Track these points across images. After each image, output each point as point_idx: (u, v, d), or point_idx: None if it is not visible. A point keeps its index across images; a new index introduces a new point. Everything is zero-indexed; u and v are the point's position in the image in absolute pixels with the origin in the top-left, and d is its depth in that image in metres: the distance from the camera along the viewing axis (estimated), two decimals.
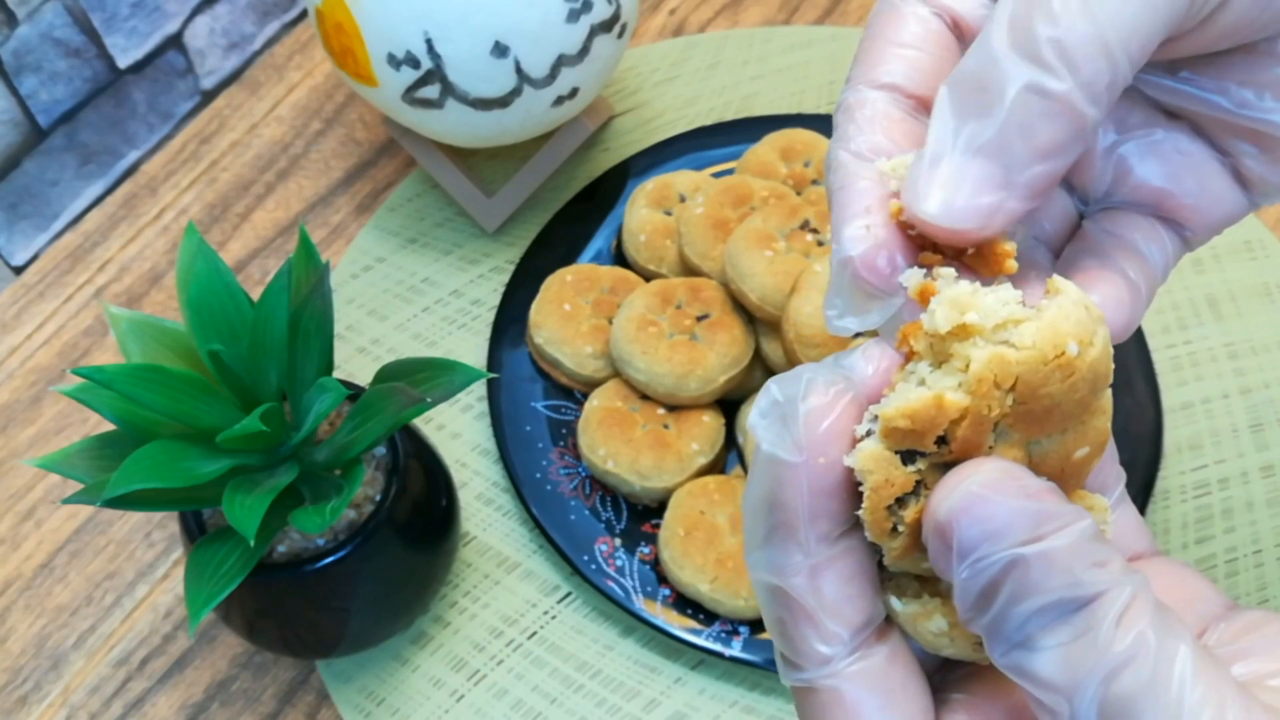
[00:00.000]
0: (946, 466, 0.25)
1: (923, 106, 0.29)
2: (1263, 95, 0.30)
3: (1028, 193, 0.26)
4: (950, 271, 0.26)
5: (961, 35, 0.30)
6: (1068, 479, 0.26)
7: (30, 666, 0.61)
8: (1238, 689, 0.23)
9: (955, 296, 0.25)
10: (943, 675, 0.28)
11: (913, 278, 0.26)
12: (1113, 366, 0.26)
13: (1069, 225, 0.32)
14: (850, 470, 0.25)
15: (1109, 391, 0.26)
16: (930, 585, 0.27)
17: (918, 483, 0.25)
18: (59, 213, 0.76)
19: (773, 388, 0.26)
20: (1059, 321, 0.24)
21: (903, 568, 0.26)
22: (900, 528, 0.25)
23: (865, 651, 0.26)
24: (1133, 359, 0.64)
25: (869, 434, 0.25)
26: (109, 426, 0.49)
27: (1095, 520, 0.24)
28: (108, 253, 0.74)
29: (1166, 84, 0.31)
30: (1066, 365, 0.24)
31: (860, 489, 0.25)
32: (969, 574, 0.23)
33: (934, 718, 0.26)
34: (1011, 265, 0.26)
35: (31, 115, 0.72)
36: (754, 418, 0.26)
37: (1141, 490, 0.60)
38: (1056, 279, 0.26)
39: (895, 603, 0.26)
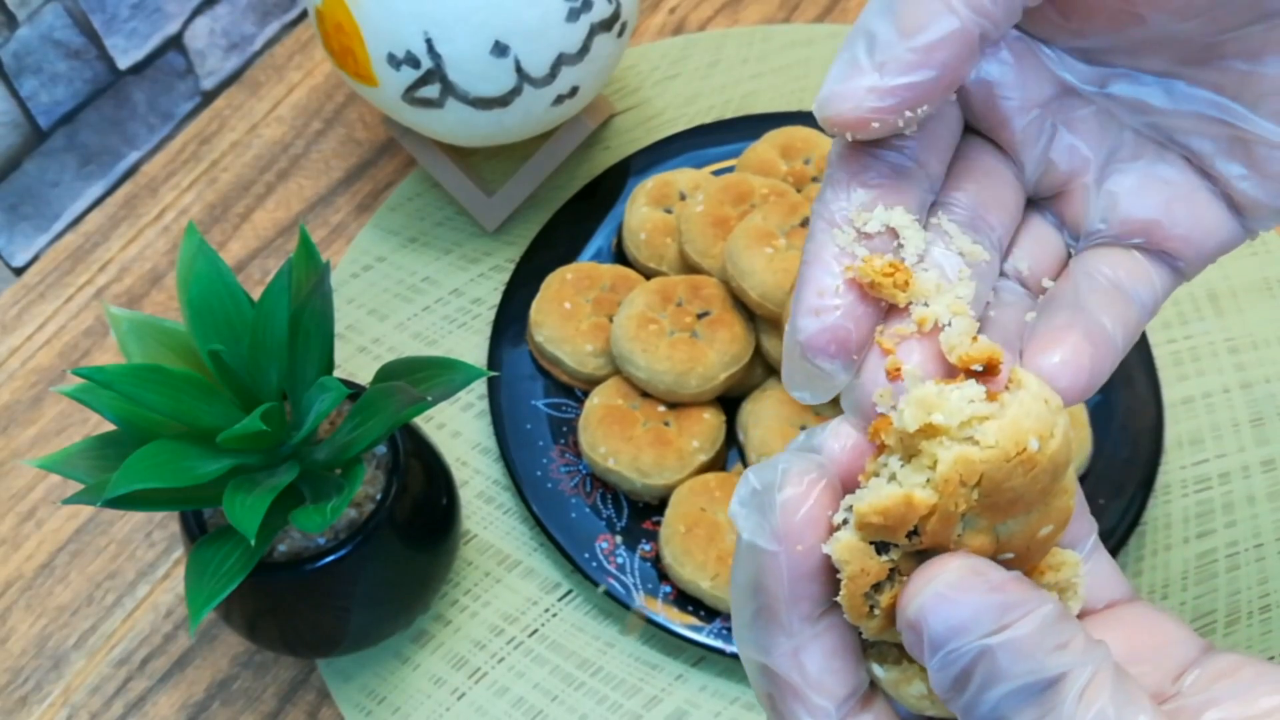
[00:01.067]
0: (920, 554, 0.26)
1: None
2: (1255, 107, 0.30)
3: (904, 88, 0.26)
4: (914, 371, 0.27)
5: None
6: (1034, 554, 0.28)
7: (31, 666, 0.61)
8: None
9: (922, 396, 0.26)
10: None
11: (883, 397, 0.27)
12: (1073, 452, 0.27)
13: (1056, 264, 0.32)
14: (825, 559, 0.27)
15: (1071, 470, 0.27)
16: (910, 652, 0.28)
17: (892, 570, 0.26)
18: (59, 213, 0.76)
19: (750, 477, 0.27)
20: (1020, 419, 0.25)
21: (882, 638, 0.28)
22: (877, 610, 0.27)
23: (855, 718, 0.27)
24: (1133, 354, 0.64)
25: (845, 523, 0.27)
26: (110, 427, 0.49)
27: (1066, 585, 0.27)
28: (108, 253, 0.74)
29: (1155, 102, 0.31)
30: (1028, 460, 0.25)
31: (839, 575, 0.27)
32: (940, 665, 0.25)
33: None
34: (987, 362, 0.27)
35: (32, 116, 0.72)
36: (734, 506, 0.27)
37: (1142, 485, 0.60)
38: (1018, 370, 0.27)
39: (877, 669, 0.28)
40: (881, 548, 0.26)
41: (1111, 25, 0.29)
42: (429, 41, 0.61)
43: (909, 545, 0.26)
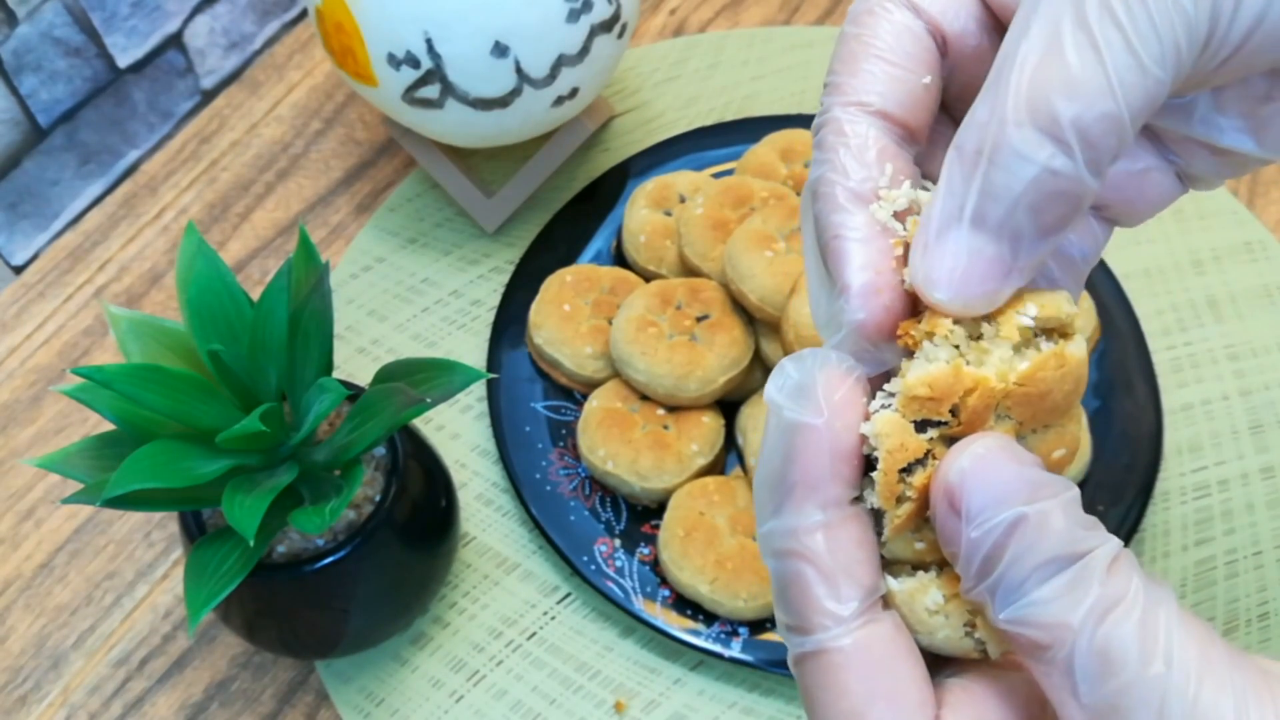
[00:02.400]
0: (952, 442, 0.27)
1: (909, 134, 0.30)
2: (1232, 122, 0.30)
3: (1030, 270, 0.27)
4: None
5: (945, 50, 0.30)
6: None
7: (30, 666, 0.61)
8: (1215, 633, 0.25)
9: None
10: (934, 670, 0.29)
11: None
12: (1085, 383, 0.28)
13: None
14: (860, 441, 0.27)
15: (1081, 407, 0.29)
16: (924, 569, 0.28)
17: (927, 452, 0.27)
18: (59, 212, 0.76)
19: (787, 365, 0.27)
20: (1060, 302, 0.27)
21: (897, 551, 0.28)
22: (909, 494, 0.27)
23: (872, 616, 0.27)
24: (1133, 360, 0.64)
25: (883, 408, 0.27)
26: (109, 426, 0.49)
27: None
28: (108, 252, 0.74)
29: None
30: (1060, 355, 0.27)
31: (871, 458, 0.27)
32: (976, 534, 0.25)
33: (932, 690, 0.27)
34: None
35: (31, 115, 0.72)
36: (771, 392, 0.27)
37: (1141, 492, 0.60)
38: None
39: (892, 582, 0.28)
40: (920, 428, 0.27)
41: None
42: (429, 41, 0.61)
43: (947, 427, 0.27)
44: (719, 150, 0.73)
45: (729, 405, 0.64)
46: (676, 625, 0.58)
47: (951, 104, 0.32)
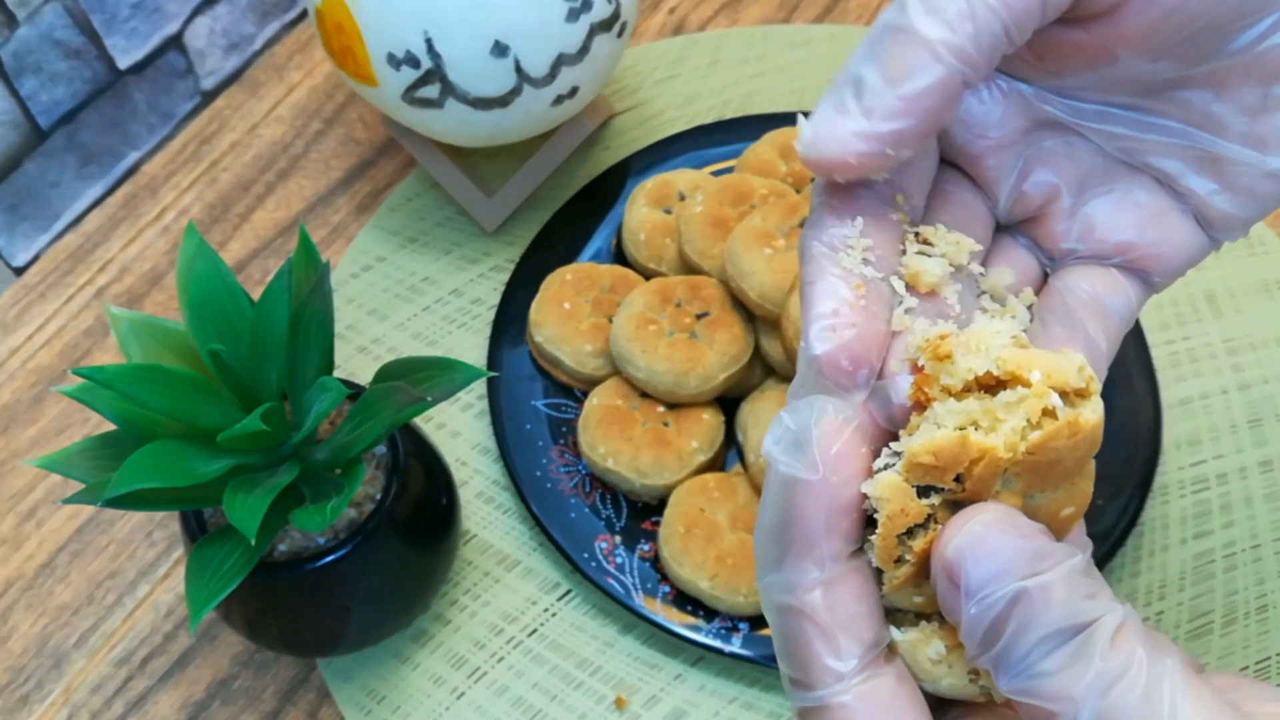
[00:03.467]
0: (956, 506, 0.27)
1: (900, 193, 0.30)
2: (1220, 132, 0.31)
3: (889, 135, 0.27)
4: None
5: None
6: (1055, 534, 0.28)
7: (32, 665, 0.62)
8: (1224, 701, 0.25)
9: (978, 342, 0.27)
10: (940, 713, 0.29)
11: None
12: (1100, 443, 0.28)
13: (1026, 283, 0.33)
14: (859, 496, 0.27)
15: (1093, 461, 0.28)
16: (926, 618, 0.28)
17: (929, 516, 0.26)
18: (60, 213, 0.76)
19: (785, 417, 0.27)
20: (1082, 369, 0.27)
21: (898, 601, 0.28)
22: (908, 557, 0.27)
23: (874, 671, 0.27)
24: (1132, 354, 0.64)
25: (886, 467, 0.27)
26: (110, 426, 0.49)
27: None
28: (108, 253, 0.74)
29: (1125, 131, 0.32)
30: (1074, 424, 0.26)
31: (872, 515, 0.27)
32: (977, 609, 0.25)
33: None
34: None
35: (32, 116, 0.72)
36: (768, 445, 0.27)
37: (1140, 486, 0.60)
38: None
39: (895, 632, 0.28)
40: (923, 493, 0.27)
41: (1085, 66, 0.30)
42: (429, 41, 0.62)
43: (950, 493, 0.26)
44: (719, 148, 0.73)
45: (729, 402, 0.64)
46: (677, 621, 0.58)
47: (965, 164, 0.33)
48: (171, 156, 0.78)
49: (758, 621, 0.58)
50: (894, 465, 0.27)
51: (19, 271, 0.75)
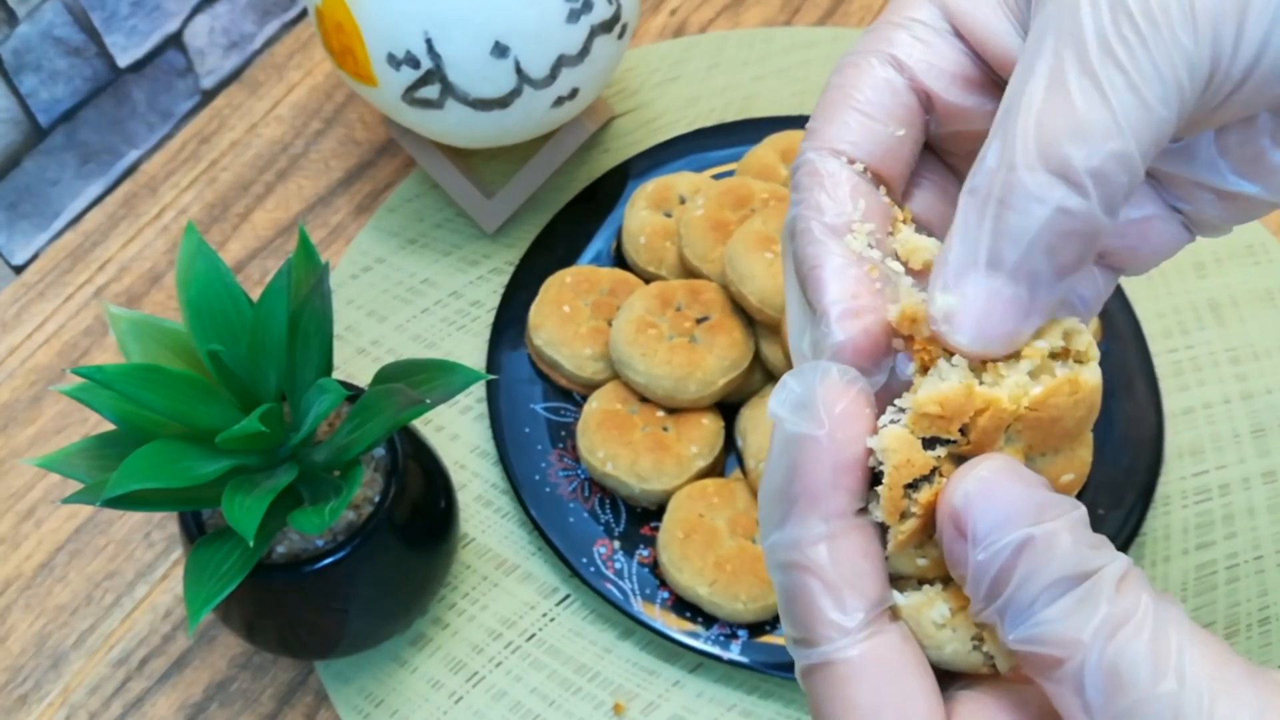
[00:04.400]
0: (960, 460, 0.27)
1: (880, 180, 0.31)
2: (1234, 165, 0.31)
3: (1048, 310, 0.27)
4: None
5: (930, 105, 0.31)
6: None
7: (30, 666, 0.61)
8: (1228, 648, 0.25)
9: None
10: (945, 684, 0.28)
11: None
12: (1098, 409, 0.28)
13: None
14: (864, 453, 0.27)
15: (1091, 433, 0.29)
16: (929, 584, 0.28)
17: (934, 469, 0.27)
18: (59, 212, 0.76)
19: (789, 381, 0.27)
20: (1076, 326, 0.28)
21: (902, 566, 0.28)
22: (913, 510, 0.27)
23: (879, 628, 0.27)
24: (1134, 363, 0.64)
25: (892, 423, 0.27)
26: (109, 426, 0.49)
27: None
28: (108, 252, 0.74)
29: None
30: (1074, 382, 0.27)
31: (877, 471, 0.27)
32: (984, 556, 0.25)
33: (941, 702, 0.27)
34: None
35: (31, 114, 0.72)
36: (773, 407, 0.27)
37: (1142, 496, 0.60)
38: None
39: (898, 596, 0.27)
40: (928, 445, 0.27)
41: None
42: (429, 42, 0.61)
43: (956, 445, 0.27)
44: (719, 151, 0.73)
45: (729, 407, 0.64)
46: (675, 627, 0.58)
47: (944, 152, 0.33)
48: (171, 155, 0.78)
49: (757, 628, 0.58)
50: (900, 420, 0.27)
51: (18, 270, 0.75)
